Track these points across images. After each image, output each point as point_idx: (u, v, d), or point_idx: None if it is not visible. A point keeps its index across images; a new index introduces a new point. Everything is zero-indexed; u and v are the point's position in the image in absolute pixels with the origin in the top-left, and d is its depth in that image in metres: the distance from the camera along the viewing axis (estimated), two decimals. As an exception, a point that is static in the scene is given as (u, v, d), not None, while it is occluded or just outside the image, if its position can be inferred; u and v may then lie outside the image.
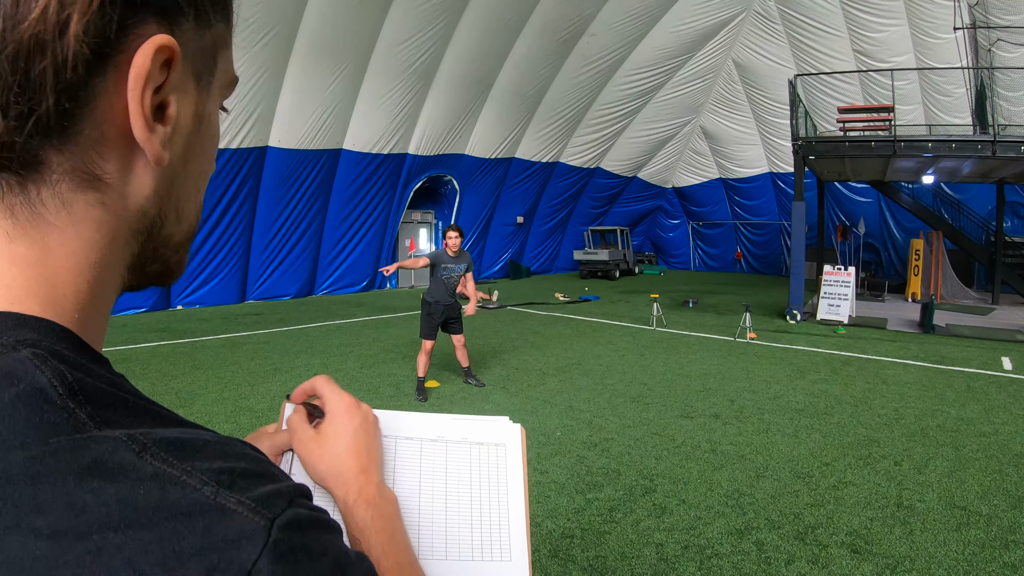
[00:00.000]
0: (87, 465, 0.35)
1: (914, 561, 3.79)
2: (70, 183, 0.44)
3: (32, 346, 0.40)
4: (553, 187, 25.88)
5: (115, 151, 0.45)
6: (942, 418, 6.74)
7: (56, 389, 0.38)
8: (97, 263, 0.47)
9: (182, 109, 0.49)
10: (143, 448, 0.38)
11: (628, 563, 3.79)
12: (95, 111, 0.43)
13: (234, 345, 10.51)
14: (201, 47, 0.50)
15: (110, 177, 0.46)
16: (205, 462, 0.39)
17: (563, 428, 6.32)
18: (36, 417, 0.36)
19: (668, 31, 22.44)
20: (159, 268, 0.54)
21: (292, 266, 17.84)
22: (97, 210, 0.46)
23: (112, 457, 0.36)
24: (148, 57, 0.43)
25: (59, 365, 0.39)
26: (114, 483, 0.35)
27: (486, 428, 0.81)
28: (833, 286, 13.85)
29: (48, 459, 0.35)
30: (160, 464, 0.37)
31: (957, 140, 13.72)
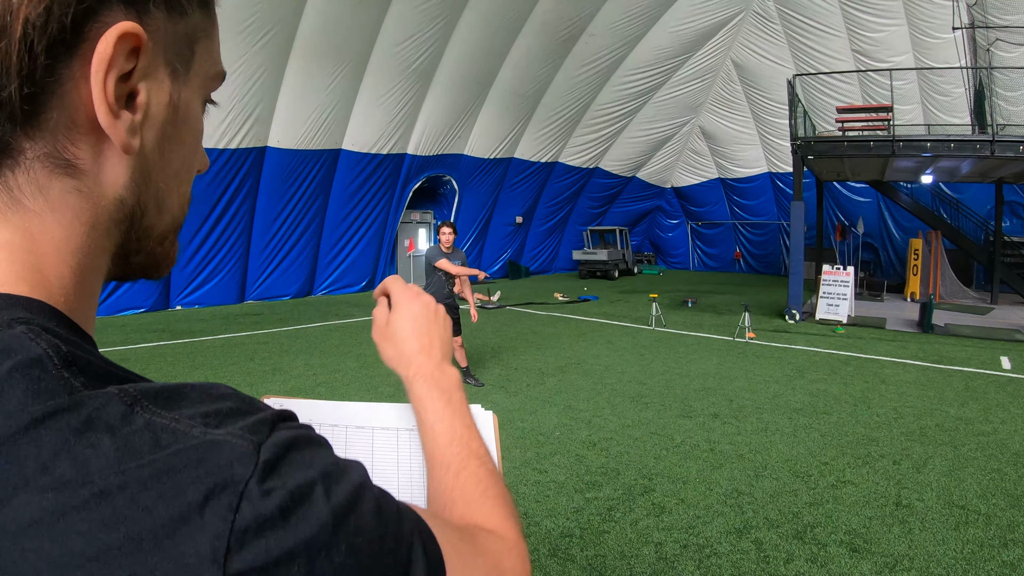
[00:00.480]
0: (83, 421, 0.37)
1: (913, 560, 3.79)
2: (44, 169, 0.44)
3: (25, 323, 0.41)
4: (552, 187, 25.88)
5: (86, 137, 0.46)
6: (941, 417, 6.75)
7: (52, 360, 0.39)
8: (79, 250, 0.47)
9: (153, 98, 0.49)
10: (133, 400, 0.39)
11: (627, 562, 3.79)
12: (63, 97, 0.43)
13: (233, 345, 10.51)
14: (174, 36, 0.50)
15: (83, 163, 0.46)
16: (191, 408, 0.41)
17: (562, 428, 6.32)
18: (33, 385, 0.37)
19: (667, 31, 22.44)
20: (144, 260, 0.55)
21: (291, 266, 17.84)
22: (74, 197, 0.46)
23: (106, 411, 0.38)
24: (110, 44, 0.43)
25: (52, 338, 0.40)
26: (110, 435, 0.37)
27: None
28: (832, 286, 13.85)
29: (48, 420, 0.36)
30: (150, 415, 0.39)
31: (956, 140, 13.72)
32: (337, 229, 18.82)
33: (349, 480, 0.43)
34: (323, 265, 18.88)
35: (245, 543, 0.36)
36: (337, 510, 0.40)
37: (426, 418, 0.74)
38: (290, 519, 0.38)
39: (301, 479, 0.40)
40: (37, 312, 0.43)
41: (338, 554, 0.39)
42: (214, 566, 0.35)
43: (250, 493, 0.37)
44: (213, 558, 0.35)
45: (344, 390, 7.62)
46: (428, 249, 7.65)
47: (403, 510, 0.49)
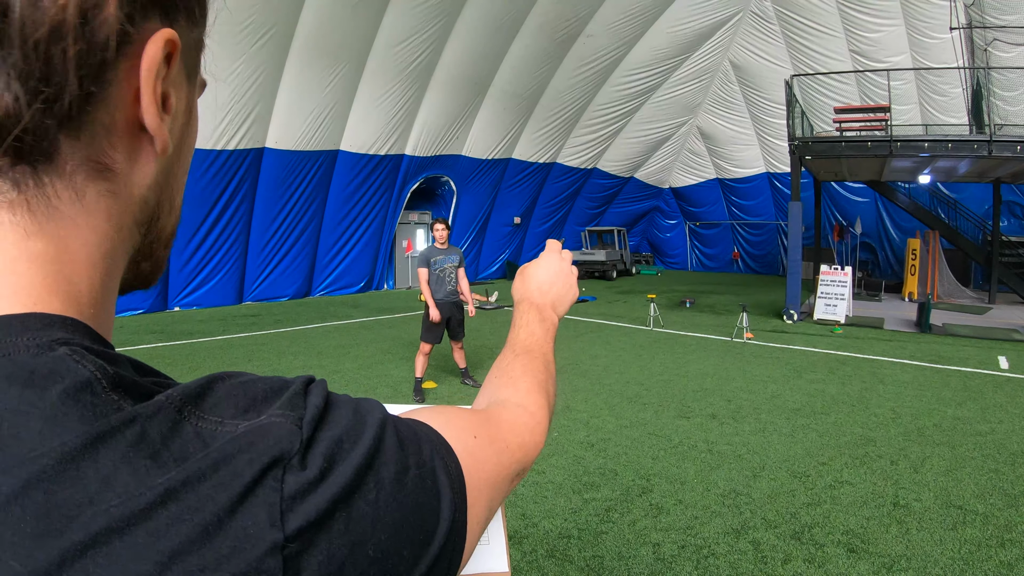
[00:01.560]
0: (138, 434, 0.38)
1: (910, 560, 3.80)
2: (83, 173, 0.45)
3: (66, 344, 0.41)
4: (550, 188, 25.88)
5: (123, 139, 0.46)
6: (938, 417, 6.75)
7: (100, 382, 0.39)
8: (108, 254, 0.48)
9: (178, 102, 0.50)
10: (180, 406, 0.41)
11: (625, 563, 3.80)
12: (108, 99, 0.44)
13: (232, 346, 10.51)
14: (190, 44, 0.52)
15: (119, 166, 0.47)
16: (231, 405, 0.43)
17: (560, 428, 6.32)
18: (87, 410, 0.38)
19: (665, 32, 22.46)
20: (150, 266, 0.56)
21: (289, 267, 17.83)
22: (107, 199, 0.47)
23: (158, 421, 0.40)
24: (159, 48, 0.45)
25: (98, 360, 0.41)
26: (165, 442, 0.39)
27: None
28: (830, 286, 13.86)
29: (105, 437, 0.37)
30: (196, 419, 0.41)
31: (953, 140, 13.73)
32: (335, 230, 18.81)
33: (370, 426, 0.47)
34: (321, 266, 18.87)
35: (294, 508, 0.40)
36: (363, 459, 0.44)
37: (519, 323, 0.98)
38: (326, 479, 0.41)
39: (329, 446, 0.43)
40: (72, 330, 0.43)
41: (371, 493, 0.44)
42: (274, 529, 0.38)
43: (291, 467, 0.41)
44: (271, 523, 0.39)
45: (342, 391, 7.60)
46: (424, 250, 7.65)
47: (421, 434, 0.53)
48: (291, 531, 0.39)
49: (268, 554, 0.38)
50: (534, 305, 1.01)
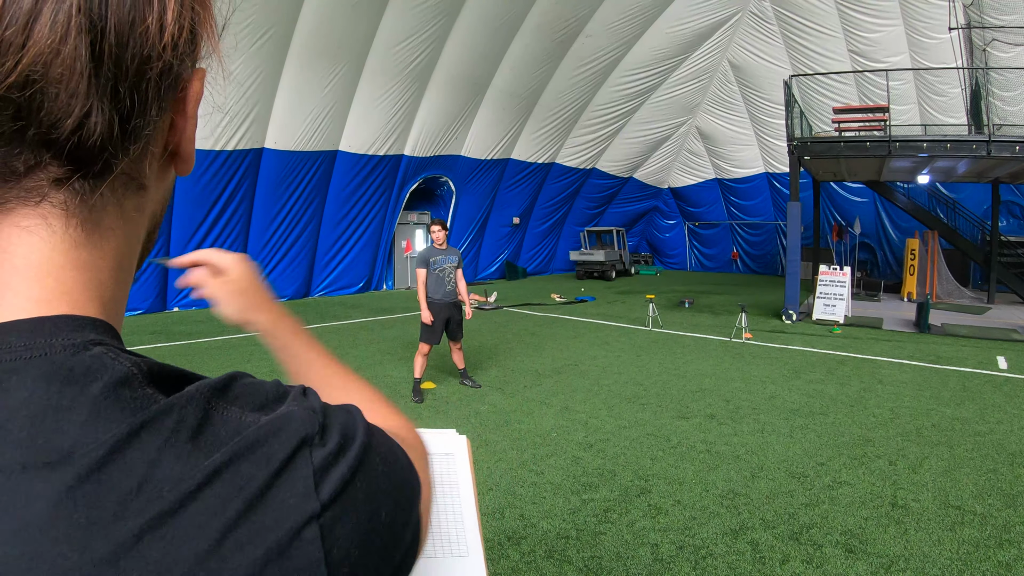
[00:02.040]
0: (177, 421, 0.42)
1: (908, 560, 3.80)
2: (125, 189, 0.49)
3: (100, 344, 0.44)
4: (549, 188, 25.88)
5: (156, 161, 0.51)
6: (937, 417, 6.76)
7: (137, 377, 0.43)
8: (128, 263, 0.52)
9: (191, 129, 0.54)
10: (209, 397, 0.45)
11: (623, 563, 3.80)
12: (154, 124, 0.48)
13: (231, 347, 10.50)
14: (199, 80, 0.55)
15: (149, 183, 0.51)
16: (248, 399, 0.47)
17: (559, 429, 6.33)
18: (127, 403, 0.41)
19: (664, 32, 22.45)
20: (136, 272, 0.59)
21: (288, 267, 17.82)
22: (136, 214, 0.51)
23: (192, 410, 0.43)
24: (203, 83, 0.52)
25: (132, 356, 0.45)
26: (201, 428, 0.43)
27: (436, 440, 0.88)
28: (829, 286, 13.86)
29: (148, 427, 0.41)
30: (223, 410, 0.45)
31: (952, 140, 13.73)
32: (334, 230, 18.81)
33: (359, 417, 0.52)
34: (320, 266, 18.87)
35: (324, 478, 0.44)
36: (365, 439, 0.49)
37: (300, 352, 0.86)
38: (344, 453, 0.47)
39: (340, 428, 0.48)
40: (103, 332, 0.46)
41: (377, 466, 0.49)
42: (309, 498, 0.43)
43: (315, 444, 0.46)
44: (307, 493, 0.43)
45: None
46: (422, 251, 7.67)
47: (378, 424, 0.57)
48: (325, 498, 0.43)
49: (307, 524, 0.42)
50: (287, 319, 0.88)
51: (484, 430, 6.29)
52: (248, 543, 0.40)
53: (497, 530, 4.20)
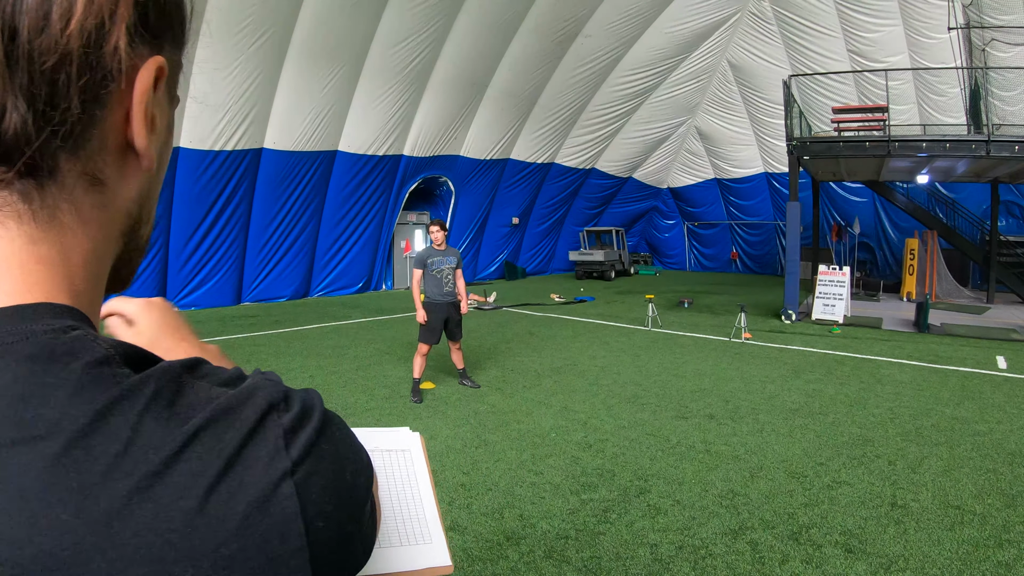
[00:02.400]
0: (155, 391, 0.43)
1: (908, 560, 3.79)
2: (80, 187, 0.49)
3: (78, 329, 0.45)
4: (548, 188, 25.87)
5: (114, 156, 0.50)
6: (936, 417, 6.75)
7: (115, 358, 0.44)
8: (100, 260, 0.53)
9: (161, 122, 0.54)
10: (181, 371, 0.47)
11: (622, 564, 3.79)
12: (103, 119, 0.48)
13: (229, 347, 10.49)
14: (172, 67, 0.55)
15: (110, 180, 0.51)
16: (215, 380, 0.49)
17: (558, 429, 6.32)
18: (107, 378, 0.43)
19: (663, 32, 22.44)
20: (126, 272, 0.59)
21: (288, 268, 17.82)
22: (99, 211, 0.51)
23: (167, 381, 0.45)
24: (151, 74, 0.49)
25: (108, 339, 0.46)
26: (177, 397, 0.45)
27: (392, 438, 0.92)
28: (828, 286, 13.86)
29: (128, 396, 0.42)
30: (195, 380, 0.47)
31: (951, 140, 13.73)
32: (334, 231, 18.80)
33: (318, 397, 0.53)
34: (320, 267, 18.86)
35: (292, 439, 0.46)
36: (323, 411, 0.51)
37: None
38: (308, 418, 0.49)
39: (301, 399, 0.50)
40: (79, 319, 0.48)
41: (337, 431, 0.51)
42: (281, 453, 0.45)
43: (281, 410, 0.48)
44: (278, 451, 0.45)
45: (340, 392, 7.62)
46: (420, 251, 7.69)
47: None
48: (295, 456, 0.45)
49: (282, 479, 0.44)
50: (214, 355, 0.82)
51: (483, 430, 6.28)
52: (230, 499, 0.42)
53: (496, 530, 4.19)
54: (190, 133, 14.45)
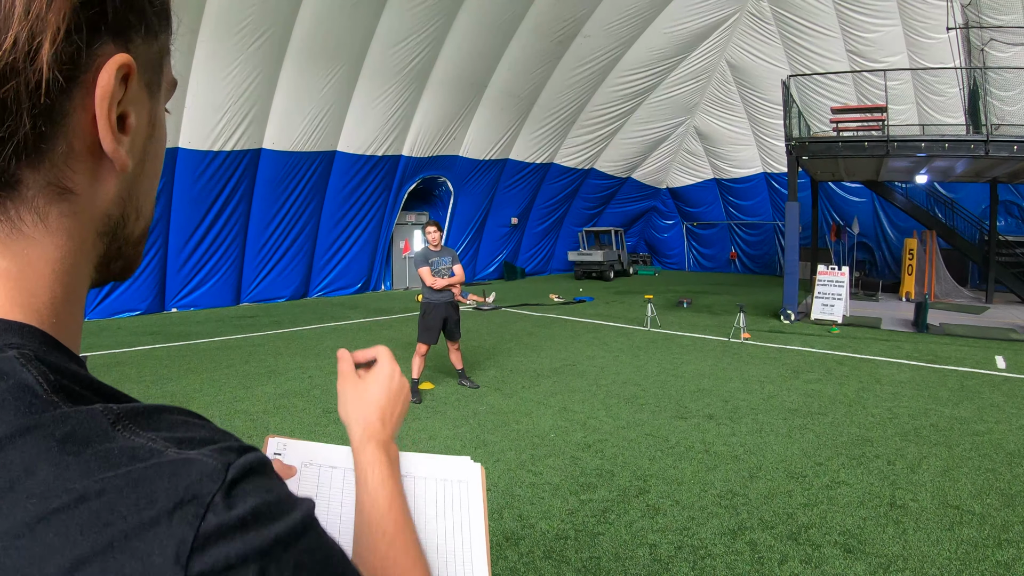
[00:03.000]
0: (67, 433, 0.40)
1: (907, 560, 3.79)
2: (45, 197, 0.47)
3: (17, 348, 0.43)
4: (547, 188, 25.88)
5: (83, 163, 0.48)
6: (935, 417, 6.75)
7: (41, 385, 0.41)
8: (70, 268, 0.50)
9: (139, 118, 0.52)
10: (116, 418, 0.42)
11: (622, 564, 3.79)
12: (65, 127, 0.46)
13: (228, 348, 10.49)
14: (150, 58, 0.53)
15: (80, 188, 0.49)
16: (169, 432, 0.44)
17: (557, 429, 6.32)
18: (24, 406, 0.40)
19: (662, 32, 22.45)
20: (121, 264, 0.58)
21: (287, 268, 17.82)
22: (69, 219, 0.49)
23: (89, 426, 0.41)
24: (111, 76, 0.47)
25: (41, 365, 0.43)
26: (91, 446, 0.40)
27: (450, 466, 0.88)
28: (827, 286, 13.86)
29: (34, 431, 0.39)
30: (130, 434, 0.42)
31: (950, 140, 13.73)
32: (333, 231, 18.80)
33: (302, 509, 0.46)
34: (319, 267, 18.86)
35: (206, 548, 0.38)
36: (289, 530, 0.43)
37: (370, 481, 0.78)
38: (248, 531, 0.40)
39: (260, 499, 0.43)
40: (28, 337, 0.45)
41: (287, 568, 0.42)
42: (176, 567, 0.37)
43: (215, 505, 0.40)
44: (176, 559, 0.37)
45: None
46: (419, 252, 7.69)
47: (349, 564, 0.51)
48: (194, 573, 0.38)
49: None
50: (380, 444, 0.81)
51: (482, 431, 6.28)
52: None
53: (495, 531, 4.19)
54: (189, 133, 14.44)
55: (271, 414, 6.69)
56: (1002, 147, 13.04)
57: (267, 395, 7.39)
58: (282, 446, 0.86)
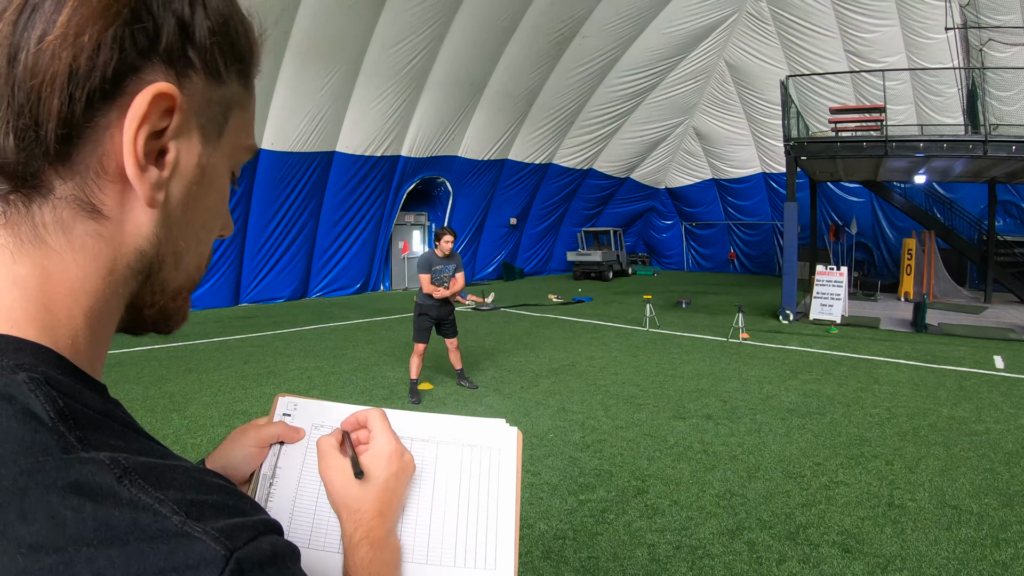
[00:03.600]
0: (70, 483, 0.37)
1: (905, 560, 3.80)
2: (70, 209, 0.46)
3: (28, 370, 0.42)
4: (546, 188, 25.87)
5: (114, 184, 0.47)
6: (934, 417, 6.76)
7: (48, 412, 0.40)
8: (93, 293, 0.49)
9: (183, 157, 0.51)
10: (123, 473, 0.40)
11: (620, 564, 3.79)
12: (96, 143, 0.46)
13: (228, 348, 10.49)
14: (210, 102, 0.53)
15: (108, 210, 0.48)
16: (178, 492, 0.41)
17: (556, 430, 6.32)
18: (28, 437, 0.38)
19: (660, 32, 22.46)
20: (156, 314, 0.56)
21: (286, 269, 17.80)
22: (95, 240, 0.48)
23: (94, 478, 0.38)
24: (146, 101, 0.46)
25: (51, 390, 0.41)
26: (93, 502, 0.37)
27: (481, 429, 0.81)
28: (826, 286, 13.87)
29: (36, 475, 0.37)
30: (136, 491, 0.39)
31: (949, 140, 13.75)
32: (331, 231, 18.78)
33: None
34: (317, 268, 18.84)
35: None
36: None
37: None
38: None
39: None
40: (42, 358, 0.44)
41: None
42: None
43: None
44: None
45: (339, 393, 7.61)
46: (423, 254, 7.68)
47: None
48: None
49: None
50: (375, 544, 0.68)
51: (481, 431, 6.27)
52: None
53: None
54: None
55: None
56: (1000, 147, 13.05)
57: (266, 396, 7.39)
58: (292, 406, 0.79)
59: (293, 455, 0.76)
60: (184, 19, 0.48)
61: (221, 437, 6.33)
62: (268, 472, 0.75)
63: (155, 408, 6.82)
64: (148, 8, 0.46)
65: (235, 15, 0.57)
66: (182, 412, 6.70)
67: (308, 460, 0.75)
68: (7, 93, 0.43)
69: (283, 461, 0.75)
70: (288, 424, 0.78)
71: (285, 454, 0.75)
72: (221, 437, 6.33)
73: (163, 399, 7.15)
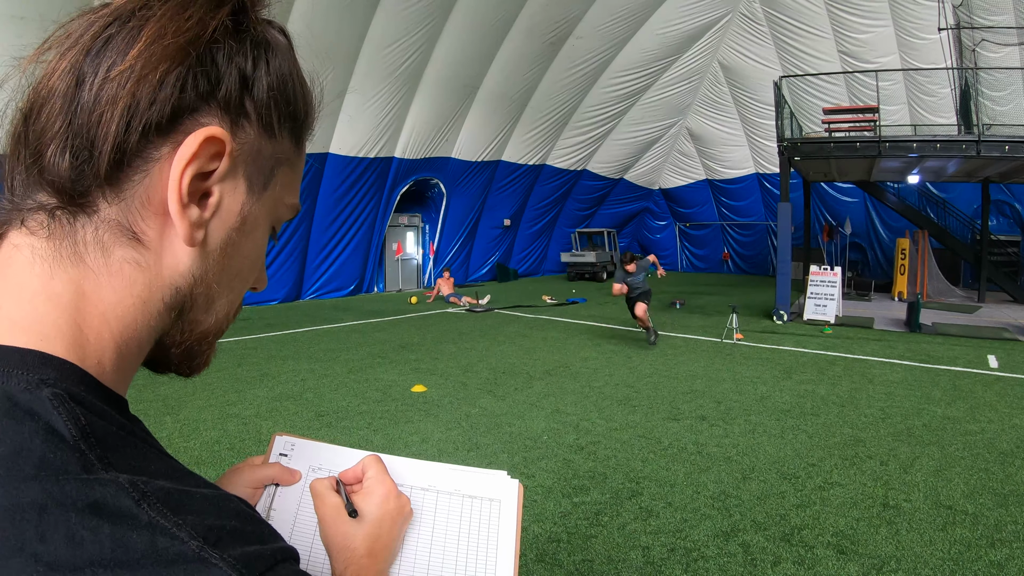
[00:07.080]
0: (89, 504, 0.38)
1: (900, 561, 3.78)
2: (112, 232, 0.48)
3: (52, 386, 0.43)
4: (540, 189, 25.87)
5: (157, 217, 0.50)
6: (928, 417, 6.76)
7: (70, 430, 0.40)
8: (124, 318, 0.50)
9: (227, 202, 0.53)
10: (142, 496, 0.40)
11: (614, 566, 3.77)
12: (146, 173, 0.48)
13: (221, 351, 10.27)
14: (260, 154, 0.55)
15: (148, 240, 0.50)
16: (197, 517, 0.42)
17: (550, 431, 6.30)
18: (49, 454, 0.39)
19: (654, 33, 22.49)
20: (181, 354, 0.58)
21: (279, 271, 17.75)
22: (132, 268, 0.50)
23: (113, 501, 0.39)
24: (197, 141, 0.48)
25: (74, 407, 0.42)
26: (111, 524, 0.38)
27: (482, 481, 0.80)
28: (819, 286, 13.89)
29: (55, 493, 0.37)
30: (155, 514, 0.40)
31: (942, 140, 13.79)
32: (325, 233, 18.73)
33: None
34: (311, 270, 18.79)
35: None
36: None
37: None
38: None
39: None
40: (66, 374, 0.45)
41: None
42: None
43: None
44: None
45: (332, 396, 7.58)
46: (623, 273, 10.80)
47: None
48: None
49: None
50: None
51: (474, 433, 6.26)
52: None
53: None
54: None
55: (264, 418, 6.65)
56: (993, 147, 13.09)
57: (260, 398, 7.35)
58: (290, 446, 0.78)
59: (288, 497, 0.75)
60: (246, 73, 0.52)
61: (214, 440, 6.34)
62: (262, 513, 0.73)
63: (148, 411, 6.77)
64: (213, 57, 0.49)
65: (295, 77, 0.63)
66: (175, 415, 6.66)
67: (304, 503, 0.74)
68: (69, 113, 0.46)
69: (278, 503, 0.74)
70: (284, 466, 0.77)
71: (280, 496, 0.75)
72: (214, 440, 6.34)
73: (156, 402, 7.11)
